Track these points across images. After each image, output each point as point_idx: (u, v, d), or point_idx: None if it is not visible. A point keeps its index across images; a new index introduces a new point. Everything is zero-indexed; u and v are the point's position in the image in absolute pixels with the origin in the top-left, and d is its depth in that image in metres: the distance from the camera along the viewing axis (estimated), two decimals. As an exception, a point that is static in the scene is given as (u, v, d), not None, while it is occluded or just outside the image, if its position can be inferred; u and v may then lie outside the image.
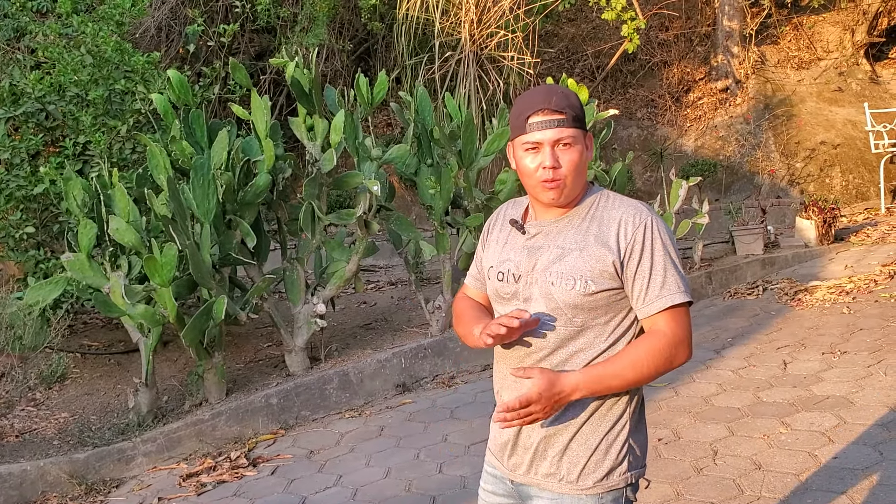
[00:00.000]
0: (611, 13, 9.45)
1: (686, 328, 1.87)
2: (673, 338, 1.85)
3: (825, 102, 10.61)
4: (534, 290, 1.94)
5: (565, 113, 1.90)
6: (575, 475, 1.91)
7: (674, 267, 1.89)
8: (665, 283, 1.87)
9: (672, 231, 1.95)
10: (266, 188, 5.44)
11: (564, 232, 1.95)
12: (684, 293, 1.87)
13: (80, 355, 6.28)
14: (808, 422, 4.23)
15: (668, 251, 1.89)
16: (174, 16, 9.65)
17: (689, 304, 1.90)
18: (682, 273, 1.90)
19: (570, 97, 1.92)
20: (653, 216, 1.90)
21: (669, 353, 1.85)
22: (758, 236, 7.71)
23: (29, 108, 6.13)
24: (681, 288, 1.87)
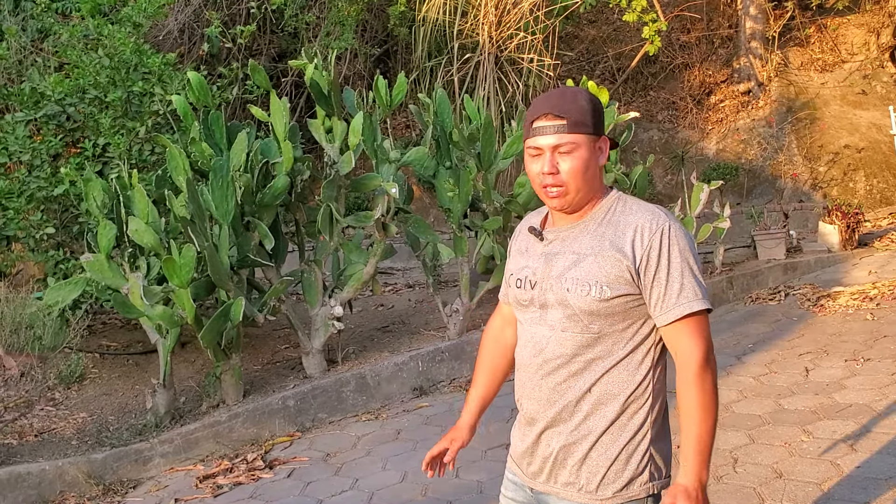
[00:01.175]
0: (632, 15, 9.39)
1: (706, 336, 1.83)
2: (700, 355, 1.81)
3: (849, 105, 10.49)
4: (549, 297, 1.93)
5: (566, 117, 1.86)
6: (594, 485, 1.88)
7: (691, 274, 1.83)
8: (682, 291, 1.82)
9: (692, 236, 1.90)
10: (284, 190, 5.44)
11: (580, 238, 1.92)
12: (703, 300, 1.82)
13: (99, 356, 6.31)
14: (831, 430, 4.16)
15: (685, 258, 1.84)
16: (197, 18, 9.70)
17: (709, 311, 1.85)
18: (700, 280, 1.85)
19: (577, 100, 1.88)
20: (670, 222, 1.85)
21: (707, 371, 1.81)
22: (780, 241, 7.62)
23: (49, 110, 6.17)
24: (699, 295, 1.82)
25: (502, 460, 4.36)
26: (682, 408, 1.82)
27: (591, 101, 1.90)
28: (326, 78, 5.49)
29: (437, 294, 6.28)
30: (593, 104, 1.90)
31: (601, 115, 1.91)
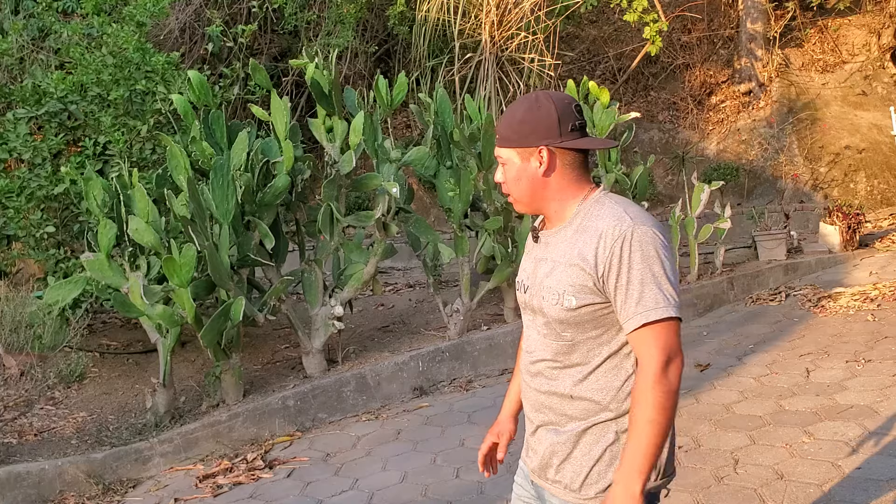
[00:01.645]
0: (633, 15, 9.38)
1: (665, 346, 1.77)
2: (654, 366, 1.77)
3: (850, 106, 10.48)
4: (534, 302, 1.97)
5: (499, 133, 1.95)
6: (578, 484, 1.90)
7: (654, 281, 1.78)
8: (641, 300, 1.78)
9: (664, 241, 1.83)
10: (285, 189, 5.44)
11: (559, 244, 1.93)
12: (664, 309, 1.77)
13: (99, 355, 6.31)
14: (832, 431, 4.15)
15: (648, 264, 1.79)
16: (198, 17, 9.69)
17: (677, 319, 1.80)
18: (665, 287, 1.79)
19: (514, 113, 1.93)
20: (635, 227, 1.81)
21: (659, 384, 1.76)
22: (781, 241, 7.62)
23: (51, 107, 6.16)
24: (660, 304, 1.77)
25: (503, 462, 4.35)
26: (631, 417, 1.80)
27: (527, 112, 1.91)
28: (327, 77, 5.49)
29: (438, 294, 6.27)
30: (527, 115, 1.91)
31: (534, 126, 1.90)
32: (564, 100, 1.92)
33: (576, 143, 1.91)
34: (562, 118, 1.89)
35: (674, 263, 1.84)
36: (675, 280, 1.83)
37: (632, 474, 1.75)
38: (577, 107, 1.94)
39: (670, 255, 1.83)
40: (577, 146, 1.91)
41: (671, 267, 1.82)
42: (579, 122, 1.92)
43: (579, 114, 1.93)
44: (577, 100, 2.03)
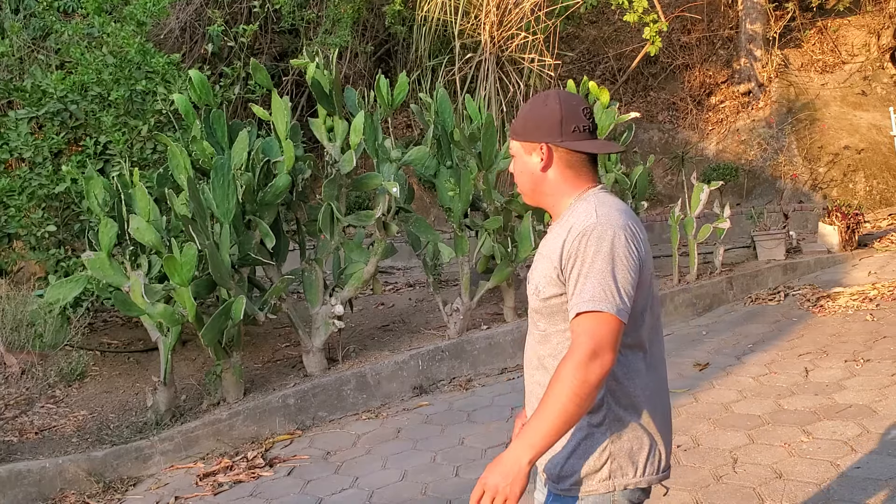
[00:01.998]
0: (633, 15, 9.39)
1: (592, 336, 1.78)
2: (577, 353, 1.78)
3: (849, 107, 10.50)
4: (528, 295, 2.06)
5: (512, 125, 2.07)
6: (555, 475, 1.97)
7: (598, 275, 1.81)
8: (582, 291, 1.82)
9: (626, 242, 1.85)
10: (286, 189, 5.45)
11: (549, 238, 2.01)
12: (598, 302, 1.79)
13: (100, 353, 6.32)
14: (831, 430, 4.17)
15: (599, 259, 1.82)
16: (198, 17, 9.71)
17: (615, 318, 1.80)
18: (607, 284, 1.80)
19: (525, 109, 2.04)
20: (598, 224, 1.85)
21: (576, 368, 1.77)
22: (780, 241, 7.63)
23: (52, 107, 6.17)
24: (596, 297, 1.79)
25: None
26: (545, 393, 1.82)
27: (534, 109, 2.00)
28: (328, 77, 5.50)
29: (438, 293, 6.28)
30: (534, 112, 2.00)
31: (538, 123, 1.98)
32: (572, 101, 1.98)
33: (575, 145, 1.96)
34: (565, 119, 1.95)
35: (632, 266, 1.84)
36: (627, 281, 1.82)
37: (524, 447, 1.78)
38: (586, 110, 1.98)
39: (629, 256, 1.84)
40: (575, 147, 1.96)
41: (625, 268, 1.83)
42: (584, 125, 1.97)
43: (587, 117, 1.97)
44: (590, 108, 2.02)
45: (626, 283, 1.82)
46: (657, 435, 1.95)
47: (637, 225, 1.93)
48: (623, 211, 1.93)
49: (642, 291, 1.90)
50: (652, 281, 1.98)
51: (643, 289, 1.91)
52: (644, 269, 1.90)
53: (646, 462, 1.93)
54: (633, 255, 1.84)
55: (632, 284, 1.83)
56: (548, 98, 1.99)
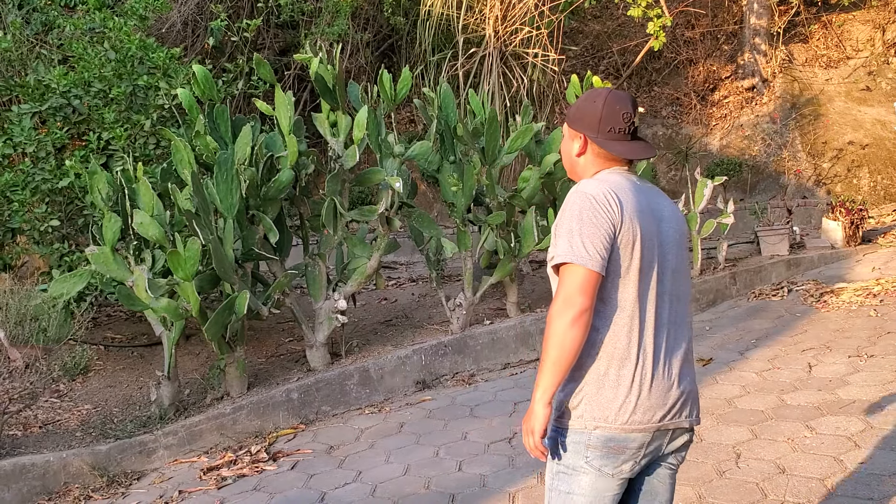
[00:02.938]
0: (637, 10, 9.37)
1: (563, 285, 2.07)
2: (554, 301, 2.09)
3: (854, 102, 10.47)
4: None
5: (567, 111, 2.37)
6: (553, 407, 2.18)
7: (567, 233, 2.09)
8: (556, 246, 2.12)
9: (593, 204, 2.10)
10: (289, 184, 5.45)
11: None
12: (560, 256, 2.09)
13: (104, 348, 6.33)
14: (834, 426, 4.17)
15: (568, 219, 2.11)
16: (200, 11, 9.69)
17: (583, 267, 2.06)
18: (573, 240, 2.07)
19: (578, 99, 2.31)
20: (573, 192, 2.15)
21: (556, 314, 2.06)
22: (783, 237, 7.62)
23: (55, 102, 6.17)
24: (563, 252, 2.08)
25: (505, 454, 4.37)
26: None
27: (584, 102, 2.28)
28: (331, 72, 5.49)
29: (441, 288, 6.28)
30: (582, 104, 2.27)
31: (582, 115, 2.26)
32: (616, 105, 2.21)
33: (607, 145, 2.22)
34: (604, 118, 2.22)
35: (600, 225, 2.08)
36: (592, 237, 2.07)
37: (536, 388, 2.11)
38: (627, 114, 2.21)
39: (596, 217, 2.08)
40: (605, 147, 2.22)
41: (591, 226, 2.08)
42: (620, 128, 2.21)
43: (625, 120, 2.21)
44: (633, 111, 2.25)
45: (595, 239, 2.06)
46: (636, 389, 2.12)
47: (618, 195, 2.13)
48: (608, 182, 2.17)
49: (631, 256, 2.11)
50: (653, 252, 2.16)
51: (631, 253, 2.11)
52: (623, 233, 2.10)
53: (617, 411, 2.12)
54: (599, 217, 2.08)
55: (601, 241, 2.07)
56: (598, 96, 2.24)
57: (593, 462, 2.15)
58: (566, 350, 2.05)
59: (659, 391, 2.15)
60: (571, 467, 2.18)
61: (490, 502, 3.85)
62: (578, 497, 2.18)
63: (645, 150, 2.26)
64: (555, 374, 2.07)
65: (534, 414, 2.10)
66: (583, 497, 2.18)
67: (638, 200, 2.17)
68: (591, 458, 2.15)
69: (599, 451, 2.14)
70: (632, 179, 2.23)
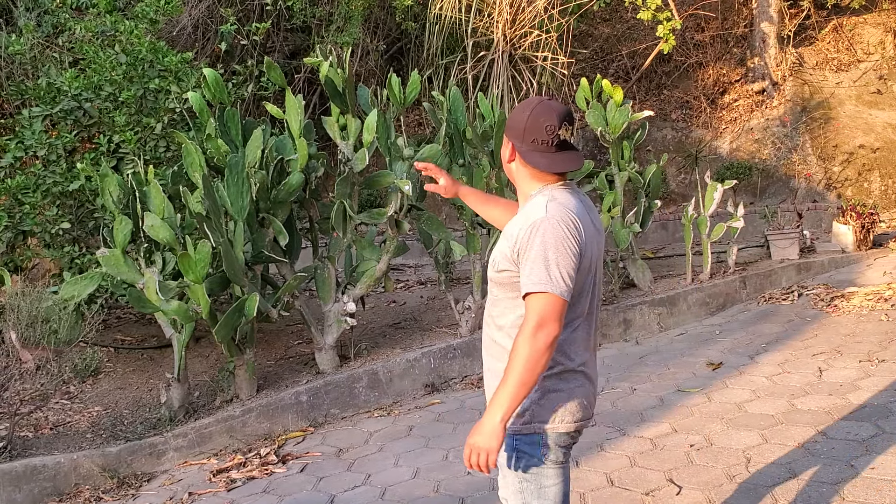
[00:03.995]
0: (646, 13, 9.36)
1: (537, 313, 2.16)
2: (527, 327, 2.17)
3: (865, 105, 10.43)
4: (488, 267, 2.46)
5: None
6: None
7: (543, 263, 2.18)
8: (528, 274, 2.20)
9: (566, 235, 2.20)
10: (299, 187, 5.47)
11: (513, 221, 2.36)
12: (536, 284, 2.17)
13: (114, 350, 6.36)
14: (845, 431, 4.15)
15: (542, 249, 2.18)
16: (210, 14, 9.72)
17: (557, 297, 2.17)
18: (550, 269, 2.17)
19: (516, 106, 2.43)
20: (545, 218, 2.21)
21: (526, 341, 2.16)
22: (793, 241, 7.59)
23: (66, 105, 6.20)
24: (539, 280, 2.17)
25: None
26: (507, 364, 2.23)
27: (515, 110, 2.36)
28: (341, 76, 5.50)
29: (450, 291, 6.29)
30: (513, 113, 2.36)
31: (511, 124, 2.36)
32: (541, 117, 2.27)
33: (528, 156, 2.31)
34: (527, 130, 2.29)
35: (571, 254, 2.19)
36: (567, 267, 2.18)
37: (495, 409, 2.18)
38: (550, 127, 2.25)
39: (570, 246, 2.20)
40: (527, 158, 2.31)
41: (565, 255, 2.19)
42: (543, 140, 2.27)
43: (549, 133, 2.26)
44: (559, 123, 2.28)
45: (567, 268, 2.18)
46: (576, 391, 2.33)
47: (580, 219, 2.26)
48: (570, 206, 2.27)
49: (583, 275, 2.26)
50: (596, 266, 2.34)
51: (584, 273, 2.26)
52: (585, 256, 2.25)
53: (563, 411, 2.31)
54: (572, 245, 2.20)
55: (573, 268, 2.20)
56: (527, 107, 2.31)
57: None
58: (536, 374, 2.17)
59: (593, 390, 2.42)
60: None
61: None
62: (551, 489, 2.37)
63: (567, 162, 2.31)
64: (522, 398, 2.18)
65: (492, 430, 2.17)
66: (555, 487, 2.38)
67: (587, 221, 2.31)
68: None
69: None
70: (579, 197, 2.37)
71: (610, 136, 6.84)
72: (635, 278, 7.12)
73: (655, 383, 5.33)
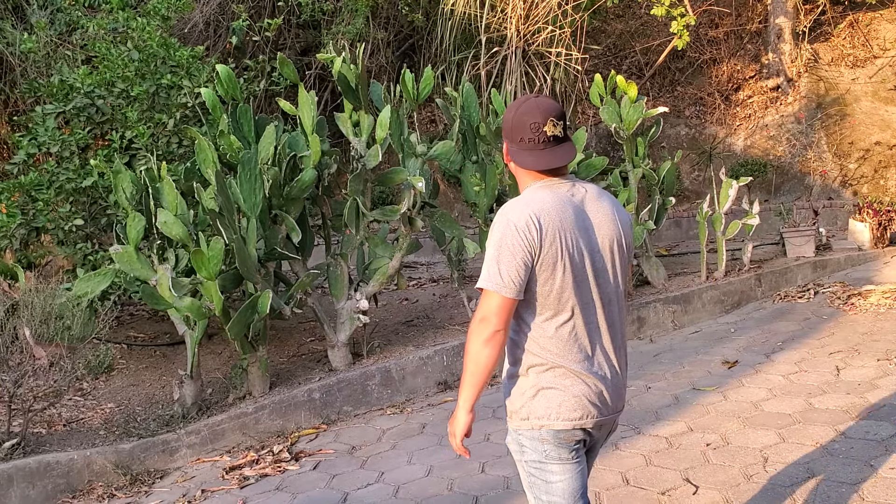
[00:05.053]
0: (660, 9, 9.30)
1: (481, 307, 2.26)
2: (473, 320, 2.28)
3: (881, 101, 10.33)
4: None
5: None
6: (507, 410, 2.47)
7: (489, 259, 2.24)
8: (482, 270, 2.28)
9: (514, 229, 2.21)
10: (311, 183, 5.45)
11: None
12: (482, 280, 2.26)
13: (127, 346, 6.36)
14: (864, 430, 4.10)
15: (490, 246, 2.25)
16: (222, 11, 9.73)
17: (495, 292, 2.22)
18: (490, 265, 2.23)
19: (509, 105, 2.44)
20: (499, 216, 2.27)
21: (472, 332, 2.27)
22: (809, 238, 7.52)
23: (78, 102, 6.20)
24: (485, 276, 2.25)
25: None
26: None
27: (508, 109, 2.38)
28: (354, 72, 5.48)
29: (462, 289, 6.26)
30: (507, 112, 2.38)
31: (504, 122, 2.39)
32: (526, 115, 2.28)
33: (516, 156, 2.34)
34: (514, 129, 2.32)
35: (516, 253, 2.20)
36: (508, 265, 2.20)
37: (459, 396, 2.35)
38: (535, 125, 2.26)
39: (515, 245, 2.20)
40: (514, 158, 2.35)
41: (508, 254, 2.21)
42: (529, 138, 2.28)
43: (534, 131, 2.27)
44: (543, 119, 2.28)
45: (510, 267, 2.20)
46: (571, 389, 2.31)
47: (541, 216, 2.21)
48: (531, 204, 2.25)
49: (554, 274, 2.23)
50: (584, 262, 2.28)
51: (550, 268, 2.22)
52: (545, 252, 2.21)
53: (557, 409, 2.31)
54: (517, 244, 2.20)
55: (517, 268, 2.20)
56: (515, 105, 2.34)
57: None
58: (480, 366, 2.26)
59: (596, 391, 2.36)
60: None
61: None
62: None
63: (552, 159, 2.29)
64: (473, 386, 2.29)
65: (457, 420, 2.37)
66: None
67: (563, 217, 2.25)
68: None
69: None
70: (559, 192, 2.31)
71: (624, 132, 6.80)
72: (649, 276, 7.08)
73: (670, 381, 5.29)
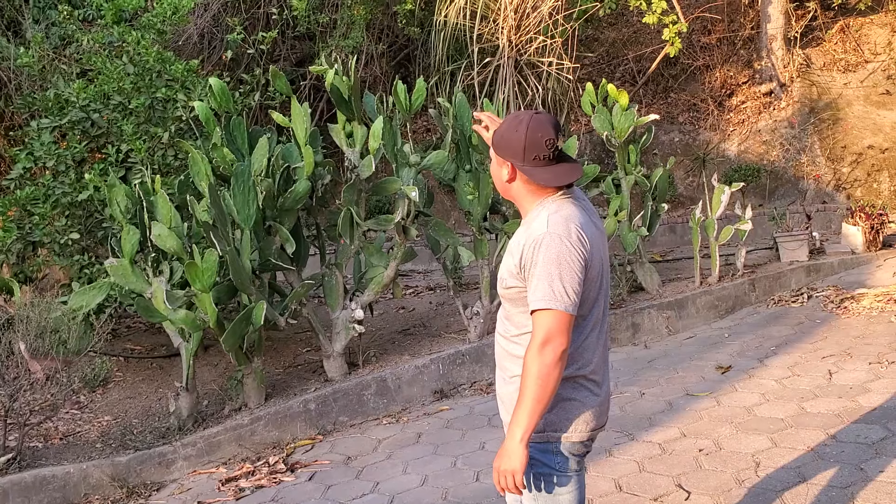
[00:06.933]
0: (652, 17, 9.35)
1: (544, 329, 2.19)
2: (534, 343, 2.21)
3: (873, 106, 10.38)
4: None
5: (492, 136, 2.43)
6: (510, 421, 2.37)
7: (547, 278, 2.20)
8: (533, 291, 2.23)
9: (570, 248, 2.22)
10: (305, 194, 5.48)
11: (515, 237, 2.38)
12: (541, 301, 2.20)
13: (123, 359, 6.38)
14: (855, 434, 4.12)
15: (547, 265, 2.20)
16: (216, 23, 9.76)
17: (563, 311, 2.19)
18: (554, 285, 2.19)
19: (503, 125, 2.37)
20: (548, 234, 2.23)
21: (535, 357, 2.19)
22: (802, 243, 7.56)
23: (74, 116, 6.24)
24: (543, 297, 2.20)
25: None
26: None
27: (507, 130, 2.33)
28: (347, 83, 5.52)
29: (458, 297, 6.28)
30: (507, 133, 2.33)
31: (507, 143, 2.32)
32: (538, 132, 2.27)
33: (532, 172, 2.30)
34: (528, 147, 2.28)
35: (576, 268, 2.21)
36: (571, 282, 2.20)
37: (515, 429, 2.21)
38: (549, 140, 2.27)
39: (574, 260, 2.21)
40: (530, 175, 2.31)
41: (569, 270, 2.21)
42: (544, 155, 2.28)
43: (549, 147, 2.27)
44: (555, 134, 2.31)
45: (571, 282, 2.21)
46: (588, 400, 2.35)
47: (583, 229, 2.27)
48: (572, 218, 2.27)
49: (591, 284, 2.28)
50: (604, 271, 2.36)
51: (592, 281, 2.29)
52: (592, 266, 2.27)
53: (577, 421, 2.33)
54: (575, 259, 2.22)
55: (578, 282, 2.22)
56: (520, 124, 2.30)
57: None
58: (549, 389, 2.20)
59: (605, 399, 2.43)
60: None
61: (508, 512, 3.83)
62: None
63: (570, 173, 2.33)
64: (538, 414, 2.21)
65: (515, 450, 2.21)
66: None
67: (592, 231, 2.32)
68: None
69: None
70: (581, 206, 2.37)
71: (616, 139, 6.83)
72: (643, 282, 7.10)
73: (664, 387, 5.31)
